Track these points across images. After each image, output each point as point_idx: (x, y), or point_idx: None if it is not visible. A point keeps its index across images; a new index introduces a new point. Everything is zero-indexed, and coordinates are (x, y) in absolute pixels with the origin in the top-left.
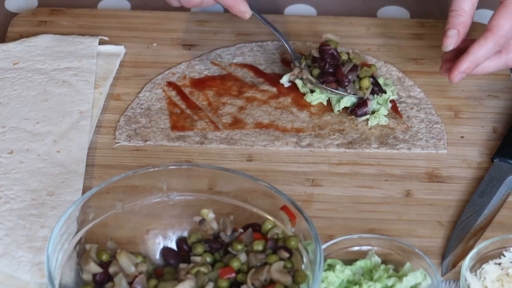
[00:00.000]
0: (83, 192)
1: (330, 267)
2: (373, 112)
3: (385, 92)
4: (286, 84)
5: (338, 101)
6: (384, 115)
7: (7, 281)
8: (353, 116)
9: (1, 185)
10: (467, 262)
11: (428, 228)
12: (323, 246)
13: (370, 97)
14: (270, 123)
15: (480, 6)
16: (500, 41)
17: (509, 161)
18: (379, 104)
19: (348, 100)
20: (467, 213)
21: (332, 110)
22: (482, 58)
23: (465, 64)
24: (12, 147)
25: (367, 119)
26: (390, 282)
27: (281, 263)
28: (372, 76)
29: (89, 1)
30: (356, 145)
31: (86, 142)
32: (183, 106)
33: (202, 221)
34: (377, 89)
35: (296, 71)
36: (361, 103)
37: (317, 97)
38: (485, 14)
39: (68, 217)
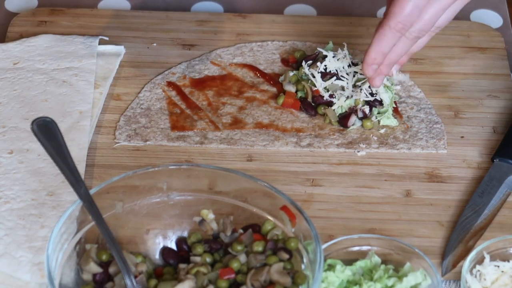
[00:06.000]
0: None
1: (330, 267)
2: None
3: (382, 105)
4: (287, 87)
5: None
6: (392, 116)
7: (7, 281)
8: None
9: (1, 185)
10: (467, 264)
11: (428, 228)
12: (323, 246)
13: (366, 109)
14: (270, 123)
15: (480, 6)
16: (397, 26)
17: (509, 161)
18: (379, 113)
19: (351, 102)
20: (467, 213)
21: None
22: (386, 47)
23: (370, 56)
24: (12, 147)
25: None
26: (390, 282)
27: (281, 264)
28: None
29: (89, 1)
30: (356, 145)
31: (86, 142)
32: (183, 106)
33: (202, 221)
34: (377, 103)
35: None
36: (346, 115)
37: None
38: (486, 14)
39: (68, 217)
